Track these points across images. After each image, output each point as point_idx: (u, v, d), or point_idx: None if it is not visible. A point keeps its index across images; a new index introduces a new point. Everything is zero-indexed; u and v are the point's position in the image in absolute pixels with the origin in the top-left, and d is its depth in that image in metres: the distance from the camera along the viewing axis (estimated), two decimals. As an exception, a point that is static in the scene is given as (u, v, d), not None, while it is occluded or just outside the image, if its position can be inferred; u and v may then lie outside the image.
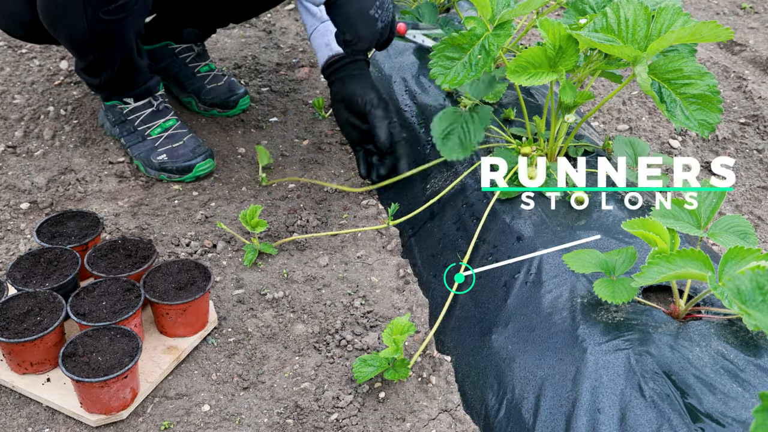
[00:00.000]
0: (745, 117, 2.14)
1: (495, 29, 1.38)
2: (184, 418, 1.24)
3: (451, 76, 1.39)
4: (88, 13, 1.52)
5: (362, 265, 1.59)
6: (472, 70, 1.38)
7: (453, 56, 1.40)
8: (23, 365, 1.27)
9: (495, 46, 1.36)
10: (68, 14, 1.54)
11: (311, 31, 1.79)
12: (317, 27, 1.77)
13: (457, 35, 1.38)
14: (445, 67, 1.40)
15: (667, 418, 1.03)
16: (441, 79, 1.39)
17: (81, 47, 1.62)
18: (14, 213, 1.70)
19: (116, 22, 1.57)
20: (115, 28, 1.58)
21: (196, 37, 2.05)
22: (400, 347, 1.25)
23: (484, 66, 1.37)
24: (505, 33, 1.36)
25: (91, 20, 1.54)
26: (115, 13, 1.55)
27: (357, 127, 1.73)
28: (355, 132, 1.74)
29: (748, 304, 0.88)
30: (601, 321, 1.18)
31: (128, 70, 1.72)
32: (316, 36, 1.78)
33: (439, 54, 1.40)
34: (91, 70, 1.71)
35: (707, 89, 1.28)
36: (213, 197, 1.78)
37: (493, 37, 1.37)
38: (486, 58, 1.37)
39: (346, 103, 1.72)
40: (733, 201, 1.84)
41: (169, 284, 1.36)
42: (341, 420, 1.24)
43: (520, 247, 1.37)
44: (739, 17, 2.79)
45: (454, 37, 1.38)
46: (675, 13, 1.30)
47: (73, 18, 1.54)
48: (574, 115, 1.44)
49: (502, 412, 1.20)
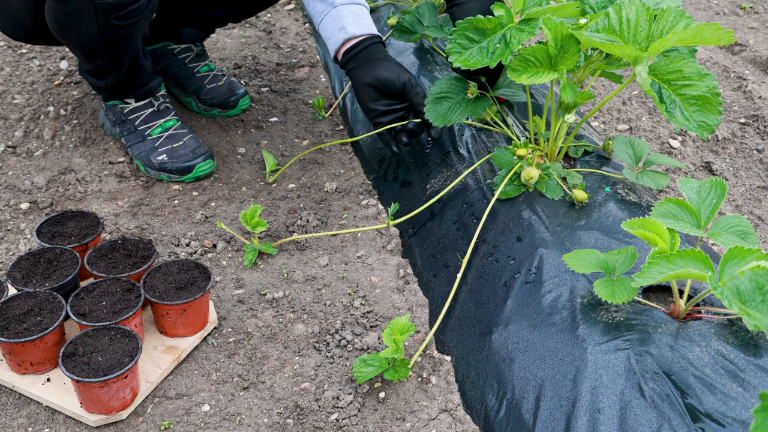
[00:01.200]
0: (745, 117, 2.14)
1: (520, 23, 1.38)
2: (184, 418, 1.24)
3: (465, 57, 1.39)
4: (99, 20, 1.52)
5: (362, 265, 1.59)
6: (487, 57, 1.37)
7: (473, 37, 1.40)
8: (23, 365, 1.27)
9: (516, 40, 1.36)
10: (79, 21, 1.53)
11: (321, 18, 1.67)
12: (329, 12, 1.66)
13: (484, 19, 1.38)
14: (462, 46, 1.40)
15: (667, 418, 1.03)
16: (455, 57, 1.40)
17: (91, 52, 1.62)
18: (14, 213, 1.70)
19: (126, 27, 1.56)
20: (124, 33, 1.58)
21: (195, 38, 2.05)
22: (400, 347, 1.25)
23: (501, 56, 1.36)
24: (530, 29, 1.36)
25: (102, 26, 1.53)
26: (126, 18, 1.54)
27: (392, 110, 1.63)
28: (388, 116, 1.63)
29: (748, 304, 0.88)
30: (601, 321, 1.18)
31: (134, 72, 1.73)
32: (328, 22, 1.65)
33: (460, 32, 1.40)
34: (98, 73, 1.71)
35: (707, 91, 1.28)
36: (213, 197, 1.78)
37: (516, 30, 1.37)
38: (504, 49, 1.36)
39: (378, 87, 1.60)
40: (733, 201, 1.84)
41: (169, 284, 1.36)
42: (341, 420, 1.24)
43: (521, 246, 1.37)
44: (739, 17, 2.79)
45: (480, 20, 1.38)
46: (677, 15, 1.30)
47: (85, 24, 1.53)
48: (574, 115, 1.44)
49: (502, 412, 1.20)
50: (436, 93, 1.57)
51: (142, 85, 1.78)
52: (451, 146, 1.70)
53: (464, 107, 1.55)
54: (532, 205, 1.44)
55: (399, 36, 1.98)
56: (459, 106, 1.55)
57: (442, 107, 1.55)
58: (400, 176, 1.78)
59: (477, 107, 1.55)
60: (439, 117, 1.54)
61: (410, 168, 1.77)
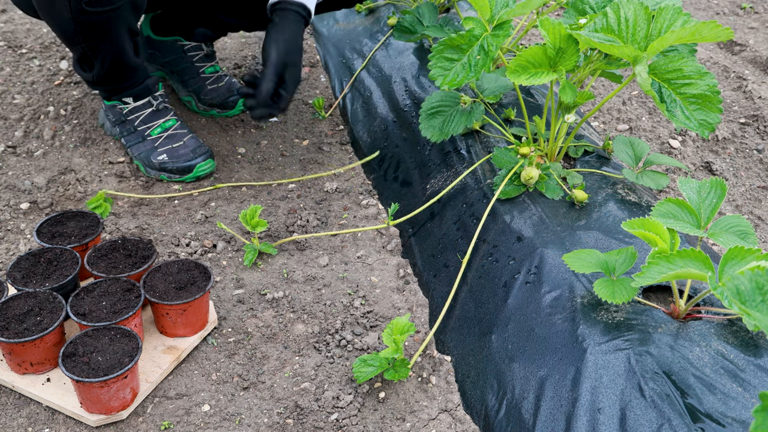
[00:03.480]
0: (745, 117, 2.14)
1: (494, 29, 1.38)
2: (184, 418, 1.24)
3: (450, 77, 1.39)
4: (71, 4, 1.53)
5: (362, 265, 1.58)
6: (472, 71, 1.38)
7: (452, 57, 1.40)
8: (23, 365, 1.27)
9: (494, 47, 1.36)
10: (54, 4, 1.55)
11: None
12: None
13: (456, 36, 1.38)
14: (444, 68, 1.40)
15: (667, 418, 1.03)
16: (441, 80, 1.39)
17: (68, 37, 1.63)
18: (14, 213, 1.70)
19: (100, 14, 1.57)
20: (98, 19, 1.58)
21: (207, 38, 2.05)
22: (400, 347, 1.25)
23: (483, 66, 1.37)
24: (504, 33, 1.36)
25: (74, 10, 1.55)
26: (99, 5, 1.55)
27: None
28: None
29: (748, 304, 0.88)
30: (601, 321, 1.18)
31: (121, 67, 1.72)
32: None
33: (438, 55, 1.40)
34: (83, 63, 1.71)
35: (707, 89, 1.28)
36: (213, 197, 1.78)
37: (492, 37, 1.37)
38: (485, 59, 1.37)
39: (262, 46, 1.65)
40: (733, 201, 1.84)
41: (169, 284, 1.36)
42: (341, 420, 1.24)
43: (521, 247, 1.37)
44: (739, 17, 2.79)
45: (452, 38, 1.38)
46: (675, 13, 1.29)
47: (59, 8, 1.55)
48: (574, 115, 1.43)
49: (502, 412, 1.20)
50: (428, 108, 1.57)
51: (137, 83, 1.78)
52: (451, 146, 1.70)
53: (460, 118, 1.55)
54: (533, 205, 1.43)
55: (399, 36, 1.98)
56: (454, 117, 1.55)
57: (437, 121, 1.56)
58: (400, 176, 1.78)
59: (472, 116, 1.55)
60: (435, 132, 1.55)
61: (410, 168, 1.77)
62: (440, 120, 1.56)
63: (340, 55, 2.32)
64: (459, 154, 1.67)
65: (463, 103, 1.56)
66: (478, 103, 1.58)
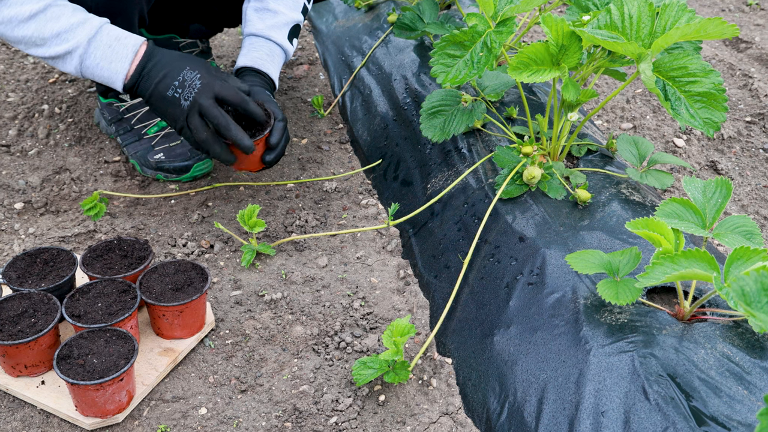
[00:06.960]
0: (750, 115, 2.12)
1: (497, 26, 1.37)
2: (181, 422, 1.23)
3: (452, 74, 1.37)
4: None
5: (362, 265, 1.57)
6: (474, 68, 1.36)
7: (454, 54, 1.38)
8: (17, 368, 1.25)
9: (497, 44, 1.35)
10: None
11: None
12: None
13: (459, 32, 1.36)
14: (446, 65, 1.39)
15: (671, 422, 1.02)
16: (442, 77, 1.38)
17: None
18: (8, 213, 1.68)
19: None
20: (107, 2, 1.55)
21: (202, 34, 2.04)
22: (400, 349, 1.23)
23: (486, 63, 1.35)
24: (508, 30, 1.35)
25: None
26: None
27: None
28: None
29: (753, 305, 0.87)
30: (605, 323, 1.17)
31: None
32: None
33: (440, 52, 1.39)
34: None
35: (712, 87, 1.27)
36: (210, 197, 1.76)
37: (495, 34, 1.36)
38: (488, 56, 1.35)
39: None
40: (739, 201, 1.83)
41: (165, 285, 1.35)
42: (340, 423, 1.23)
43: (523, 247, 1.35)
44: (745, 14, 2.77)
45: (455, 35, 1.37)
46: (680, 10, 1.28)
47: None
48: (577, 114, 1.42)
49: (504, 416, 1.18)
50: (429, 107, 1.55)
51: None
52: (452, 145, 1.68)
53: (461, 117, 1.54)
54: (535, 205, 1.42)
55: (399, 33, 1.97)
56: (455, 116, 1.54)
57: (438, 121, 1.54)
58: (400, 176, 1.76)
59: (474, 115, 1.54)
60: (437, 132, 1.53)
61: (411, 167, 1.75)
62: (441, 119, 1.55)
63: (339, 52, 2.30)
64: (460, 153, 1.65)
65: (464, 102, 1.55)
66: (480, 101, 1.56)
